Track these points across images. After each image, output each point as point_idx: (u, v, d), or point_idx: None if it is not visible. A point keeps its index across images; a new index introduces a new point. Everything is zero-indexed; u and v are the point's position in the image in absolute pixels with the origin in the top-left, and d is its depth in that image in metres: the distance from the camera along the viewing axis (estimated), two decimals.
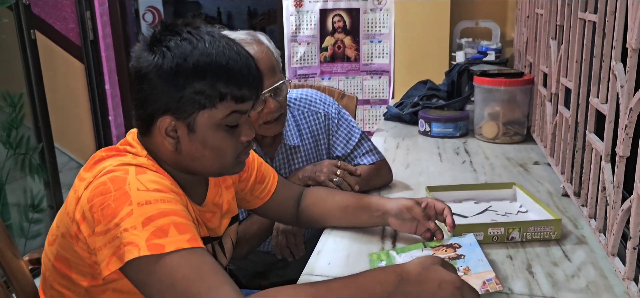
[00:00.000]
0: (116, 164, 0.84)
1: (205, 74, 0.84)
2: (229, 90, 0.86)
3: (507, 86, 1.85)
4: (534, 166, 1.63)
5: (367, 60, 2.83)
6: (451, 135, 1.98)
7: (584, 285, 0.95)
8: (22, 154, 2.72)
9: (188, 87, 0.84)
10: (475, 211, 1.28)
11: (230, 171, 0.96)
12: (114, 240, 0.76)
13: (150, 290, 0.76)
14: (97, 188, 0.80)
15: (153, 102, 0.86)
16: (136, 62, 0.87)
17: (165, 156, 0.91)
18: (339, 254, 1.09)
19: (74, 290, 0.87)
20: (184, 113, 0.86)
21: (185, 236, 0.76)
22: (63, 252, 0.86)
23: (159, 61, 0.84)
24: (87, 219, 0.79)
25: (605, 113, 1.02)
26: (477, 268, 0.94)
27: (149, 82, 0.85)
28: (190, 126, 0.87)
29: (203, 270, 0.75)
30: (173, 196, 0.82)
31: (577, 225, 1.20)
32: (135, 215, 0.76)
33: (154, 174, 0.84)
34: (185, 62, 0.83)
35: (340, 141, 1.48)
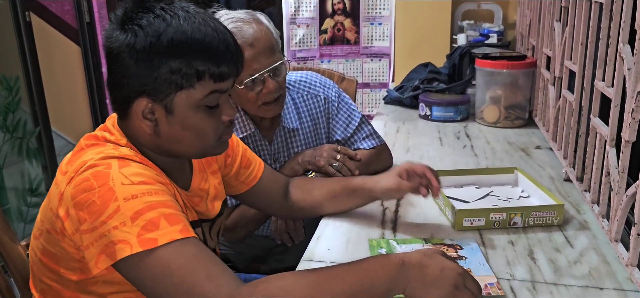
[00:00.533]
0: (98, 158, 0.80)
1: (180, 53, 0.80)
2: (207, 68, 0.82)
3: (509, 69, 1.82)
4: (535, 151, 1.61)
5: (367, 43, 2.79)
6: (452, 119, 1.96)
7: (587, 271, 0.94)
8: (19, 138, 2.70)
9: (163, 67, 0.80)
10: (477, 196, 1.27)
11: (212, 152, 0.93)
12: (101, 238, 0.73)
13: (146, 284, 0.74)
14: (80, 185, 0.76)
15: (127, 84, 0.82)
16: (107, 41, 0.82)
17: (145, 140, 0.87)
18: (339, 240, 1.08)
19: (63, 284, 0.84)
20: (160, 94, 0.82)
21: (177, 227, 0.75)
22: (49, 247, 0.83)
23: (131, 40, 0.79)
24: (72, 216, 0.76)
25: (611, 96, 1.00)
26: (478, 271, 0.92)
27: (122, 63, 0.81)
28: (167, 107, 0.83)
29: (199, 259, 0.73)
30: (160, 187, 0.79)
31: (579, 210, 1.18)
32: (122, 211, 0.73)
33: (137, 166, 0.81)
34: (158, 40, 0.79)
35: (340, 125, 1.46)
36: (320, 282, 0.74)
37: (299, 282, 0.74)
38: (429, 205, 1.23)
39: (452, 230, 1.10)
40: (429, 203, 1.24)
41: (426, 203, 1.24)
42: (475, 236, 1.07)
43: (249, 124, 1.36)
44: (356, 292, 0.74)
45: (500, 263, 0.97)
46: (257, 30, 1.23)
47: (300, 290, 0.73)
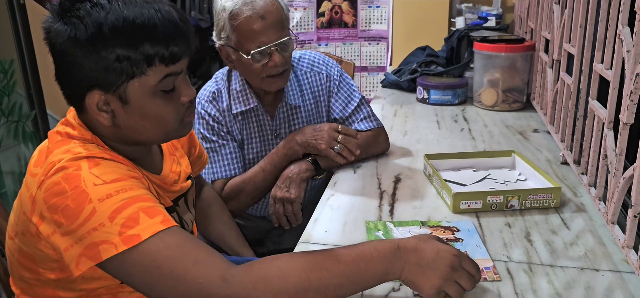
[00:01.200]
0: (68, 159, 0.77)
1: (125, 39, 0.76)
2: (156, 52, 0.78)
3: (508, 52, 1.81)
4: (533, 134, 1.61)
5: (365, 26, 2.77)
6: (450, 102, 1.96)
7: (583, 253, 0.94)
8: (15, 121, 2.69)
9: (110, 57, 0.76)
10: (474, 179, 1.27)
11: (176, 135, 0.90)
12: (81, 240, 0.72)
13: (134, 279, 0.73)
14: (52, 189, 0.75)
15: (76, 78, 0.79)
16: (48, 36, 0.78)
17: (105, 131, 0.84)
18: (336, 222, 1.08)
19: (42, 282, 0.83)
20: (112, 85, 0.78)
21: (158, 218, 0.74)
22: (26, 249, 0.82)
23: (72, 33, 0.76)
24: (47, 219, 0.75)
25: (610, 79, 1.00)
26: (475, 254, 0.92)
27: (66, 57, 0.77)
28: (122, 97, 0.80)
29: (185, 247, 0.73)
30: (133, 182, 0.78)
31: (576, 193, 1.18)
32: (99, 212, 0.72)
33: (108, 164, 0.79)
34: (100, 29, 0.75)
35: (339, 103, 1.46)
36: (316, 264, 0.74)
37: (294, 263, 0.74)
38: (426, 187, 1.23)
39: (450, 212, 1.10)
40: (426, 185, 1.24)
41: (423, 185, 1.24)
42: (472, 219, 1.07)
43: (252, 98, 1.37)
44: (352, 274, 0.74)
45: (497, 245, 0.97)
46: (268, 3, 1.23)
47: (296, 272, 0.73)
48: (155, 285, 0.72)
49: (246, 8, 1.23)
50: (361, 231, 1.04)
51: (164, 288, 0.72)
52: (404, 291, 0.83)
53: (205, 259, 0.73)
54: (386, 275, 0.77)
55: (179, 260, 0.72)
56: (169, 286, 0.72)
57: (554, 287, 0.84)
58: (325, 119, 1.47)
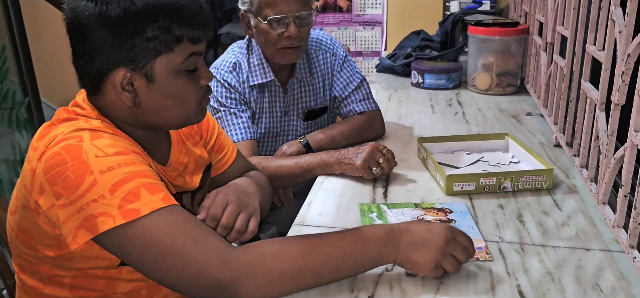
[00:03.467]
0: (68, 132, 0.77)
1: (157, 16, 0.77)
2: (184, 32, 0.79)
3: (502, 36, 1.81)
4: (526, 117, 1.62)
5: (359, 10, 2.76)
6: (444, 87, 1.96)
7: (574, 233, 0.95)
8: (8, 108, 2.67)
9: (140, 33, 0.76)
10: (468, 161, 1.27)
11: (194, 120, 0.90)
12: (80, 212, 0.72)
13: (132, 255, 0.73)
14: (52, 159, 0.74)
15: (101, 56, 0.77)
16: (72, 13, 0.77)
17: (122, 113, 0.84)
18: (330, 204, 1.08)
19: (40, 259, 0.83)
20: (139, 63, 0.78)
21: (159, 195, 0.74)
22: (25, 225, 0.82)
23: (103, 8, 0.75)
24: (46, 191, 0.74)
25: (602, 60, 1.00)
26: None
27: (92, 34, 0.76)
28: (148, 75, 0.80)
29: (184, 226, 0.73)
30: (135, 157, 0.77)
31: (568, 174, 1.19)
32: (99, 184, 0.72)
33: (110, 137, 0.78)
34: (132, 5, 0.75)
35: (340, 82, 1.48)
36: (313, 246, 0.75)
37: (291, 246, 0.76)
38: (420, 170, 1.24)
39: (443, 194, 1.11)
40: (420, 168, 1.25)
41: (417, 168, 1.25)
42: (465, 200, 1.08)
43: (269, 72, 1.38)
44: (347, 257, 0.76)
45: (489, 226, 0.98)
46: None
47: (292, 254, 0.74)
48: (153, 262, 0.72)
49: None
50: (355, 213, 1.04)
51: (161, 266, 0.72)
52: (397, 270, 0.84)
53: (204, 239, 0.73)
54: (380, 258, 0.78)
55: (179, 238, 0.72)
56: (167, 264, 0.72)
57: (545, 266, 0.85)
58: (329, 97, 1.50)
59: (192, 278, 0.72)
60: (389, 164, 1.18)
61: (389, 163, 1.18)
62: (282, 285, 0.74)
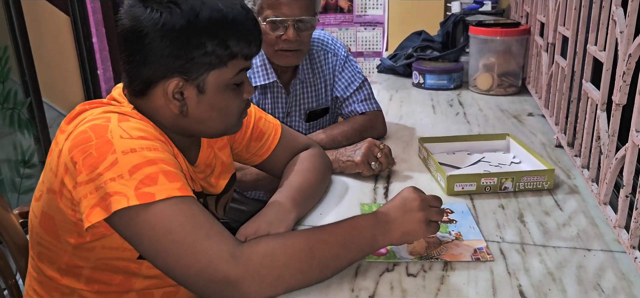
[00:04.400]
0: (97, 113, 0.80)
1: (217, 32, 0.80)
2: (240, 49, 0.82)
3: (503, 36, 1.81)
4: (527, 118, 1.62)
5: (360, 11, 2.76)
6: (445, 87, 1.96)
7: (575, 233, 0.95)
8: (10, 109, 2.67)
9: (200, 47, 0.79)
10: (469, 162, 1.27)
11: (232, 131, 0.93)
12: (97, 190, 0.72)
13: (142, 240, 0.73)
14: (78, 137, 0.76)
15: (157, 64, 0.80)
16: (133, 21, 0.79)
17: (165, 119, 0.86)
18: (331, 204, 1.08)
19: (61, 248, 0.84)
20: (193, 74, 0.81)
21: (176, 184, 0.74)
22: (48, 210, 0.82)
23: (166, 19, 0.77)
24: (70, 170, 0.75)
25: (603, 60, 1.00)
26: (468, 235, 0.94)
27: (152, 43, 0.78)
28: (199, 87, 0.82)
29: (199, 218, 0.73)
30: (159, 144, 0.78)
31: (569, 175, 1.19)
32: (120, 164, 0.72)
33: (137, 122, 0.80)
34: (196, 18, 0.78)
35: (342, 83, 1.48)
36: (316, 238, 0.78)
37: (297, 239, 0.77)
38: (421, 170, 1.24)
39: (444, 194, 1.11)
40: (421, 168, 1.25)
41: (418, 168, 1.25)
42: (466, 201, 1.08)
43: (272, 73, 1.38)
44: (346, 243, 0.79)
45: (490, 226, 0.98)
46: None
47: (299, 246, 0.76)
48: (163, 250, 0.72)
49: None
50: (356, 213, 1.04)
51: (171, 255, 0.72)
52: (397, 270, 0.84)
53: (217, 234, 0.73)
54: (375, 239, 0.82)
55: (191, 229, 0.72)
56: (177, 254, 0.72)
57: (546, 266, 0.85)
58: (330, 98, 1.50)
59: (200, 271, 0.71)
60: (388, 160, 1.19)
61: (387, 158, 1.19)
62: (290, 280, 0.74)
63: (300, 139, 1.16)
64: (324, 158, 1.14)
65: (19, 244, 1.07)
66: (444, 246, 0.91)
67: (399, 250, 0.89)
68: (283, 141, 1.11)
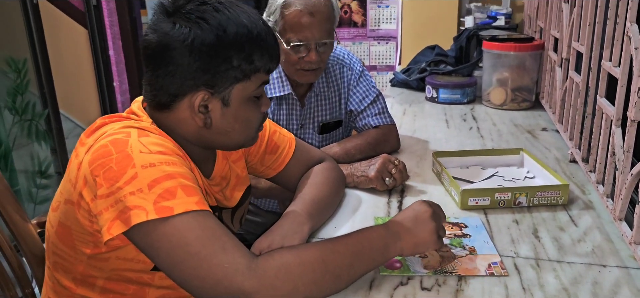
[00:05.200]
0: (118, 128, 0.82)
1: (243, 47, 0.82)
2: (263, 63, 0.85)
3: (517, 51, 1.82)
4: (541, 133, 1.62)
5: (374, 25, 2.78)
6: (458, 101, 1.96)
7: (590, 249, 0.94)
8: (28, 120, 2.73)
9: (227, 61, 0.81)
10: (482, 176, 1.27)
11: (250, 143, 0.95)
12: (117, 204, 0.74)
13: (159, 252, 0.74)
14: (98, 151, 0.78)
15: (184, 78, 0.81)
16: (161, 36, 0.81)
17: (189, 131, 0.87)
18: (345, 218, 1.09)
19: (76, 258, 0.85)
20: (219, 87, 0.83)
21: (194, 198, 0.76)
22: (65, 220, 0.84)
23: (196, 34, 0.79)
24: (89, 183, 0.77)
25: (618, 76, 1.00)
26: (482, 250, 0.94)
27: (180, 57, 0.80)
28: (224, 100, 0.85)
29: (215, 232, 0.75)
30: (177, 159, 0.80)
31: (584, 190, 1.19)
32: (139, 178, 0.74)
33: (156, 137, 0.82)
34: (224, 34, 0.80)
35: (357, 96, 1.49)
36: (329, 248, 0.80)
37: (310, 250, 0.79)
38: (435, 184, 1.24)
39: (458, 209, 1.11)
40: (434, 182, 1.25)
41: (432, 182, 1.25)
42: (480, 215, 1.08)
43: (287, 85, 1.41)
44: (358, 252, 0.81)
45: (504, 241, 0.98)
46: (322, 3, 1.29)
47: (313, 258, 0.77)
48: (180, 263, 0.73)
49: (299, 1, 1.28)
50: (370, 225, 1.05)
51: (187, 267, 0.73)
52: (412, 284, 0.84)
53: (233, 247, 0.74)
54: (387, 248, 0.83)
55: (208, 242, 0.73)
56: (193, 266, 0.73)
57: (561, 282, 0.84)
58: (344, 111, 1.51)
59: (216, 284, 0.72)
60: (402, 175, 1.19)
61: (402, 174, 1.19)
62: (305, 291, 0.75)
63: (314, 152, 1.17)
64: (337, 171, 1.15)
65: (36, 253, 1.09)
66: (458, 260, 0.91)
67: (413, 264, 0.90)
68: (297, 155, 1.12)
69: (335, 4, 1.35)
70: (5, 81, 2.63)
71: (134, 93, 3.34)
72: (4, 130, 2.57)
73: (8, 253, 1.08)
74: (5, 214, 1.06)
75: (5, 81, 2.64)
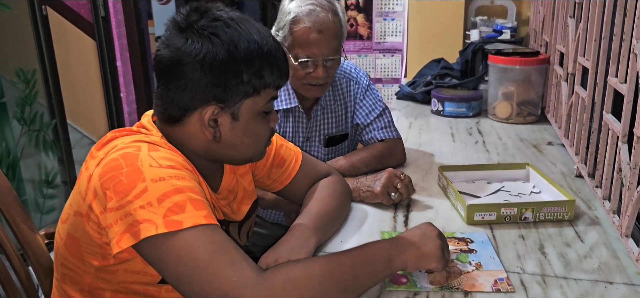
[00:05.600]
0: (128, 142, 0.83)
1: (254, 62, 0.83)
2: (273, 78, 0.86)
3: (522, 65, 1.82)
4: (547, 147, 1.61)
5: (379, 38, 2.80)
6: (464, 115, 1.97)
7: (596, 265, 0.94)
8: (36, 130, 2.75)
9: (238, 76, 0.83)
10: (488, 191, 1.27)
11: (258, 158, 0.96)
12: (127, 217, 0.75)
13: (168, 266, 0.75)
14: (109, 164, 0.79)
15: (195, 92, 0.83)
16: (173, 51, 0.82)
17: (197, 145, 0.88)
18: (352, 232, 1.09)
19: (84, 270, 0.86)
20: (230, 102, 0.85)
21: (202, 212, 0.76)
22: (74, 232, 0.85)
23: (207, 49, 0.81)
24: (99, 196, 0.78)
25: (624, 92, 1.00)
26: (488, 266, 0.94)
27: (192, 72, 0.81)
28: (234, 114, 0.86)
29: (224, 246, 0.75)
30: (186, 173, 0.81)
31: (590, 206, 1.19)
32: (149, 192, 0.75)
33: (166, 151, 0.83)
34: (236, 49, 0.81)
35: (363, 110, 1.50)
36: (334, 261, 0.81)
37: (316, 263, 0.79)
38: (440, 199, 1.24)
39: (464, 224, 1.11)
40: (440, 196, 1.25)
41: (438, 196, 1.25)
42: (486, 230, 1.08)
43: (294, 98, 1.42)
44: (363, 263, 0.82)
45: (510, 257, 0.98)
46: (330, 20, 1.30)
47: (319, 271, 0.78)
48: (188, 276, 0.74)
49: (308, 18, 1.29)
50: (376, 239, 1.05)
51: (195, 281, 0.74)
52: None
53: (241, 261, 0.75)
54: (391, 260, 0.84)
55: (216, 256, 0.74)
56: (201, 280, 0.73)
57: None
58: (350, 125, 1.52)
59: (223, 297, 0.73)
60: (408, 190, 1.19)
61: (408, 189, 1.19)
62: None
63: (321, 166, 1.18)
64: (343, 185, 1.16)
65: (44, 265, 1.10)
66: (464, 276, 0.91)
67: (419, 279, 0.90)
68: (304, 168, 1.13)
69: (344, 20, 1.37)
70: (14, 91, 2.66)
71: (141, 104, 3.36)
72: (13, 140, 2.59)
73: (15, 263, 1.09)
74: (14, 224, 1.07)
75: (14, 92, 2.66)
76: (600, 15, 1.20)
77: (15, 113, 2.65)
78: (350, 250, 0.84)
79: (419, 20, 2.64)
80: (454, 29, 2.60)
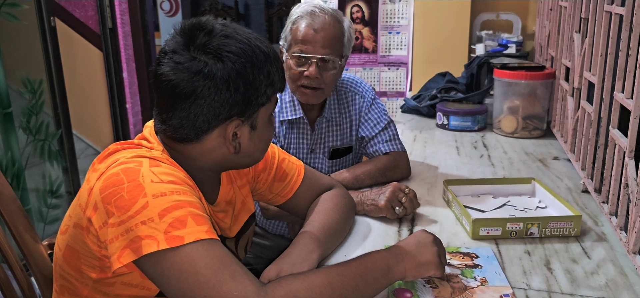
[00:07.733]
0: (130, 156, 0.82)
1: (264, 71, 0.85)
2: (280, 82, 0.88)
3: (528, 79, 1.82)
4: (553, 162, 1.60)
5: (385, 52, 2.80)
6: (469, 129, 1.96)
7: (604, 282, 0.93)
8: (41, 140, 2.76)
9: (254, 87, 0.84)
10: (494, 205, 1.26)
11: (259, 160, 0.96)
12: (128, 232, 0.75)
13: (170, 281, 0.75)
14: (110, 179, 0.78)
15: (219, 111, 0.82)
16: (183, 73, 0.80)
17: (212, 159, 0.88)
18: (356, 246, 1.09)
19: (82, 282, 0.86)
20: (248, 113, 0.86)
21: (203, 227, 0.76)
22: (73, 244, 0.84)
23: (229, 67, 0.81)
24: (100, 210, 0.78)
25: (630, 108, 1.00)
26: (494, 281, 0.93)
27: (209, 92, 0.80)
28: (252, 124, 0.87)
29: (224, 260, 0.75)
30: (187, 188, 0.81)
31: (597, 221, 1.17)
32: (150, 207, 0.75)
33: (167, 167, 0.83)
34: (251, 61, 0.83)
35: (368, 123, 1.50)
36: (334, 273, 0.81)
37: (317, 276, 0.79)
38: (445, 213, 1.23)
39: (469, 238, 1.10)
40: (445, 210, 1.24)
41: (442, 210, 1.25)
42: (491, 245, 1.07)
43: (299, 109, 1.42)
44: (362, 273, 0.82)
45: (516, 272, 0.97)
46: (328, 22, 1.32)
47: (320, 282, 0.78)
48: (189, 291, 0.74)
49: (307, 18, 1.33)
50: None
51: (197, 295, 0.73)
52: None
53: (242, 275, 0.75)
54: (389, 269, 0.85)
55: (217, 271, 0.74)
56: (203, 294, 0.73)
57: None
58: (355, 138, 1.51)
59: None
60: (412, 204, 1.19)
61: (412, 203, 1.19)
62: None
63: (324, 179, 1.17)
64: (347, 198, 1.15)
65: (46, 274, 1.09)
66: (469, 291, 0.90)
67: (424, 295, 0.89)
68: (306, 182, 1.12)
69: (348, 28, 1.37)
70: (20, 101, 2.67)
71: (146, 115, 3.37)
72: (18, 149, 2.60)
73: (18, 273, 1.09)
74: (17, 233, 1.07)
75: (21, 101, 2.68)
76: (606, 31, 1.20)
77: (21, 123, 2.66)
78: (350, 261, 0.85)
79: (424, 34, 2.65)
80: (459, 43, 2.60)
